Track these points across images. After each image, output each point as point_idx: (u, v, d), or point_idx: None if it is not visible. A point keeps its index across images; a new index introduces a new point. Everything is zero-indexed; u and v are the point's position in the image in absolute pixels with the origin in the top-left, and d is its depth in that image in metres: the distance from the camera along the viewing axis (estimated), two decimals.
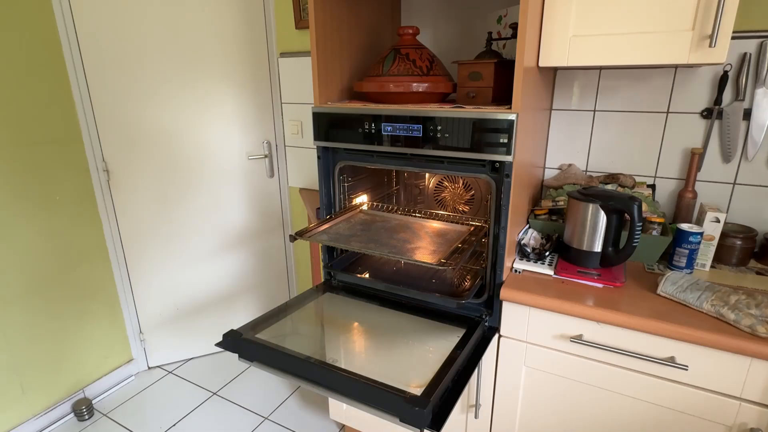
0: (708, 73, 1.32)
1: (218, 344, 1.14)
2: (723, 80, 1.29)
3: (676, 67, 1.35)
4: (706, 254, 1.25)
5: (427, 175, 1.70)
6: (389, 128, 1.24)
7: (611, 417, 1.17)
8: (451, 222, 1.53)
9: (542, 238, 1.38)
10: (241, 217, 2.23)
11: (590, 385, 1.17)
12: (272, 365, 1.09)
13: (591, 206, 1.21)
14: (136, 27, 1.83)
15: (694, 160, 1.34)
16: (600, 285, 1.19)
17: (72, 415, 2.00)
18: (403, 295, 1.39)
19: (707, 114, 1.34)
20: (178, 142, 2.02)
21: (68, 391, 2.02)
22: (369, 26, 1.52)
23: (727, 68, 1.28)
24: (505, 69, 1.24)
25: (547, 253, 1.31)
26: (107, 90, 1.88)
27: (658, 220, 1.29)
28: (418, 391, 0.94)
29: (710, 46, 1.00)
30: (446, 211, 1.68)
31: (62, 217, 1.90)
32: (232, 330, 1.16)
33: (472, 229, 1.54)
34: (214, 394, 2.10)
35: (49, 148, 1.83)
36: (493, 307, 1.25)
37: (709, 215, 1.24)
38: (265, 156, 2.18)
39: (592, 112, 1.49)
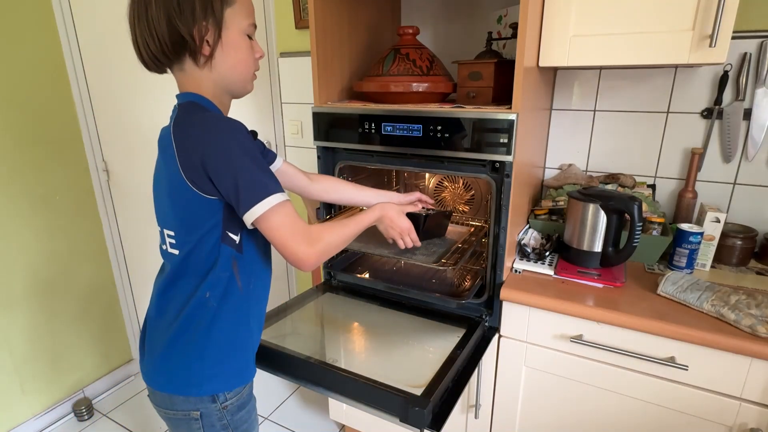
0: (708, 73, 1.32)
1: None
2: (723, 80, 1.29)
3: (676, 67, 1.35)
4: (706, 254, 1.25)
5: (427, 175, 1.70)
6: (389, 128, 1.24)
7: (611, 417, 1.17)
8: (451, 222, 1.53)
9: (542, 238, 1.38)
10: None
11: (590, 385, 1.17)
12: (272, 365, 1.08)
13: (591, 206, 1.21)
14: None
15: (694, 160, 1.34)
16: (600, 285, 1.19)
17: (72, 415, 2.00)
18: (403, 295, 1.39)
19: (707, 114, 1.34)
20: None
21: (68, 391, 2.02)
22: (369, 26, 1.52)
23: (728, 68, 1.28)
24: (505, 69, 1.24)
25: (547, 253, 1.31)
26: (107, 90, 1.88)
27: (658, 220, 1.29)
28: (418, 392, 0.93)
29: (710, 46, 1.00)
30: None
31: (62, 217, 1.90)
32: None
33: (472, 229, 1.54)
34: None
35: (49, 148, 1.83)
36: (493, 307, 1.25)
37: (710, 215, 1.24)
38: None
39: (592, 112, 1.49)
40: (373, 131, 1.26)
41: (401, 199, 1.22)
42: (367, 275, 1.49)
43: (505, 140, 1.09)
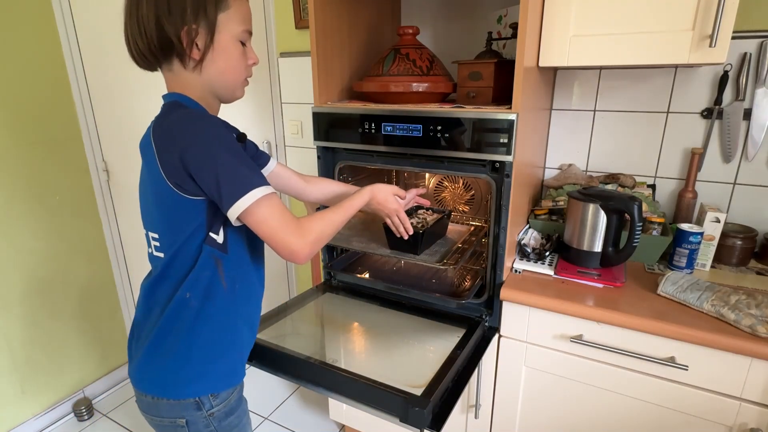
0: (708, 73, 1.32)
1: None
2: (723, 80, 1.29)
3: (676, 67, 1.35)
4: (706, 254, 1.25)
5: (427, 175, 1.70)
6: (389, 128, 1.24)
7: (611, 417, 1.17)
8: (451, 222, 1.52)
9: (542, 238, 1.38)
10: None
11: (590, 385, 1.17)
12: (272, 365, 1.09)
13: (591, 206, 1.21)
14: None
15: (694, 160, 1.34)
16: (600, 285, 1.19)
17: (72, 415, 2.00)
18: (403, 295, 1.39)
19: (707, 114, 1.34)
20: None
21: (68, 391, 2.02)
22: (369, 26, 1.52)
23: (728, 68, 1.28)
24: (505, 69, 1.24)
25: (547, 253, 1.31)
26: (107, 90, 1.88)
27: (658, 220, 1.29)
28: (418, 392, 0.93)
29: (710, 46, 1.00)
30: None
31: (62, 217, 1.90)
32: None
33: (472, 229, 1.54)
34: None
35: (49, 148, 1.83)
36: (493, 307, 1.25)
37: (710, 215, 1.24)
38: None
39: (592, 112, 1.49)
40: (373, 131, 1.26)
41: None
42: (367, 275, 1.49)
43: (505, 140, 1.09)
